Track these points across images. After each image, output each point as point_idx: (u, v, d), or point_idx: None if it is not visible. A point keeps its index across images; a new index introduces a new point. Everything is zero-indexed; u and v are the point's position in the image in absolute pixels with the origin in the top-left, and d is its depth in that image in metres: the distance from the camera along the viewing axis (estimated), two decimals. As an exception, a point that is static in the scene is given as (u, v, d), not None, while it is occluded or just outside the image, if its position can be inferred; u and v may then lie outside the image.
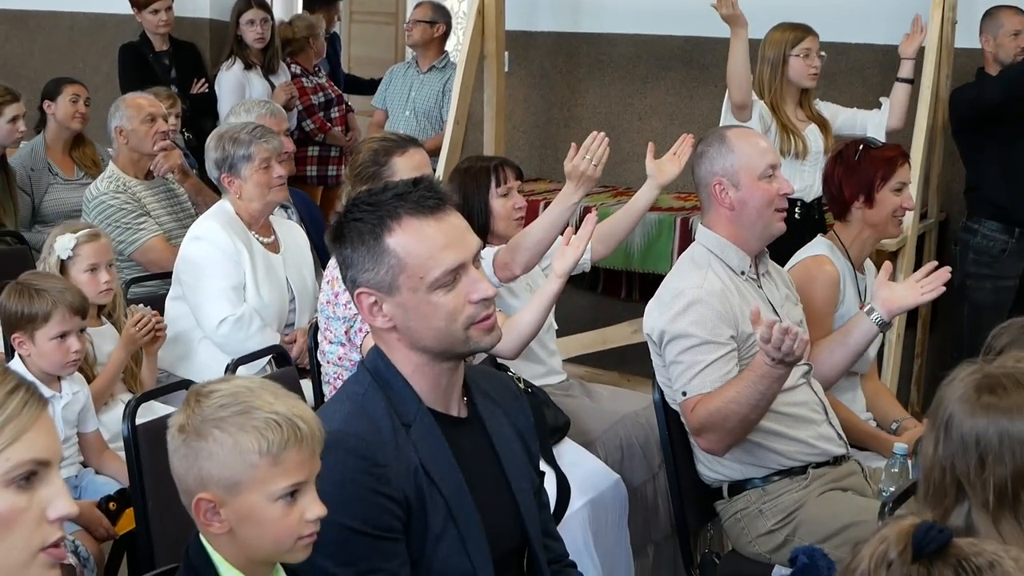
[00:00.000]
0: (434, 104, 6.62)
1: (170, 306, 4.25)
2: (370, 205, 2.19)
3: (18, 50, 8.20)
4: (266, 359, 3.91)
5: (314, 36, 7.10)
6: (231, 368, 3.55)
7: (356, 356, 3.43)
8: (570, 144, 6.45)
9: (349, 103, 7.28)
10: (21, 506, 1.51)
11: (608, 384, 4.67)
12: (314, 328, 3.79)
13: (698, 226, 3.42)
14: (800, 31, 4.90)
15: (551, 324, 4.02)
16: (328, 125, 6.91)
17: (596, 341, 5.46)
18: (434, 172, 4.95)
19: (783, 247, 3.56)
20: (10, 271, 3.88)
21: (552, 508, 2.96)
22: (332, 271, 3.51)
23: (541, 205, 5.50)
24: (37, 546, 1.53)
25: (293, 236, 4.43)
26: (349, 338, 3.47)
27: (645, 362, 3.46)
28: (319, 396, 3.70)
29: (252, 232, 4.21)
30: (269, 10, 6.72)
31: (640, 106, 6.34)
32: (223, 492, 1.84)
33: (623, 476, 3.67)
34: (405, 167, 3.65)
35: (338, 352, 3.53)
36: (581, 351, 5.42)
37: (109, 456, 3.54)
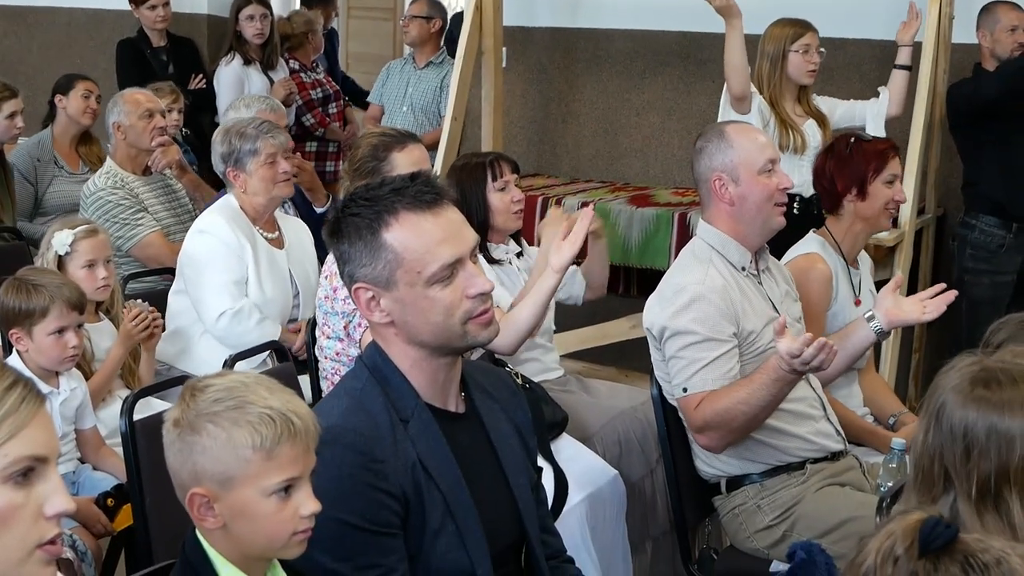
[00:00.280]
0: (432, 100, 6.63)
1: (172, 300, 4.26)
2: (367, 200, 2.19)
3: (16, 46, 8.20)
4: (265, 354, 3.91)
5: (312, 32, 7.10)
6: (229, 363, 3.55)
7: (354, 351, 3.43)
8: (568, 140, 6.52)
9: (346, 98, 7.28)
10: (18, 502, 1.50)
11: (606, 379, 4.66)
12: (312, 323, 3.79)
13: (698, 221, 3.41)
14: (800, 27, 4.90)
15: (550, 325, 4.02)
16: (327, 120, 6.91)
17: (594, 336, 5.45)
18: (432, 168, 4.95)
19: (781, 242, 3.56)
20: (7, 267, 3.87)
21: (550, 504, 2.97)
22: (330, 266, 3.50)
23: (539, 200, 5.51)
24: (34, 543, 1.52)
25: (297, 232, 4.43)
26: (348, 333, 3.47)
27: (643, 357, 3.46)
28: (317, 391, 3.70)
29: (256, 227, 4.21)
30: (268, 6, 6.72)
31: (637, 101, 6.34)
32: (217, 487, 1.84)
33: (621, 471, 3.67)
34: (404, 162, 3.64)
35: (336, 347, 3.53)
36: (579, 346, 5.41)
37: (107, 452, 3.54)
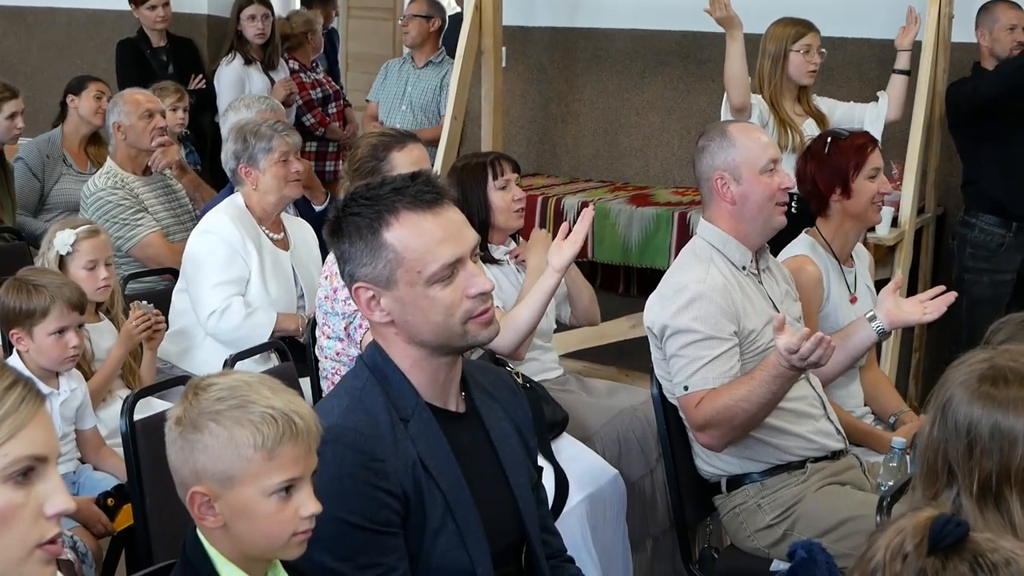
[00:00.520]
0: (431, 99, 6.62)
1: (176, 299, 4.26)
2: (368, 199, 2.19)
3: (15, 46, 8.21)
4: (267, 351, 3.91)
5: (312, 32, 7.10)
6: (230, 363, 3.55)
7: (354, 351, 3.43)
8: (568, 139, 6.52)
9: (346, 98, 7.28)
10: (18, 502, 1.51)
11: (606, 379, 4.67)
12: (312, 323, 3.79)
13: (699, 220, 3.41)
14: (802, 27, 4.89)
15: (551, 325, 4.02)
16: (327, 119, 6.90)
17: (594, 336, 5.44)
18: (432, 167, 4.95)
19: (777, 240, 3.56)
20: (8, 267, 3.88)
21: (551, 503, 2.97)
22: (331, 266, 3.50)
23: (539, 200, 5.51)
24: (34, 542, 1.52)
25: (303, 234, 4.41)
26: (348, 334, 3.47)
27: (643, 357, 3.46)
28: (317, 391, 3.70)
29: (262, 227, 4.20)
30: (270, 6, 6.72)
31: (637, 101, 6.34)
32: (217, 485, 1.84)
33: (621, 471, 3.66)
34: (404, 162, 3.65)
35: (336, 347, 3.53)
36: (579, 346, 5.41)
37: (107, 452, 3.54)
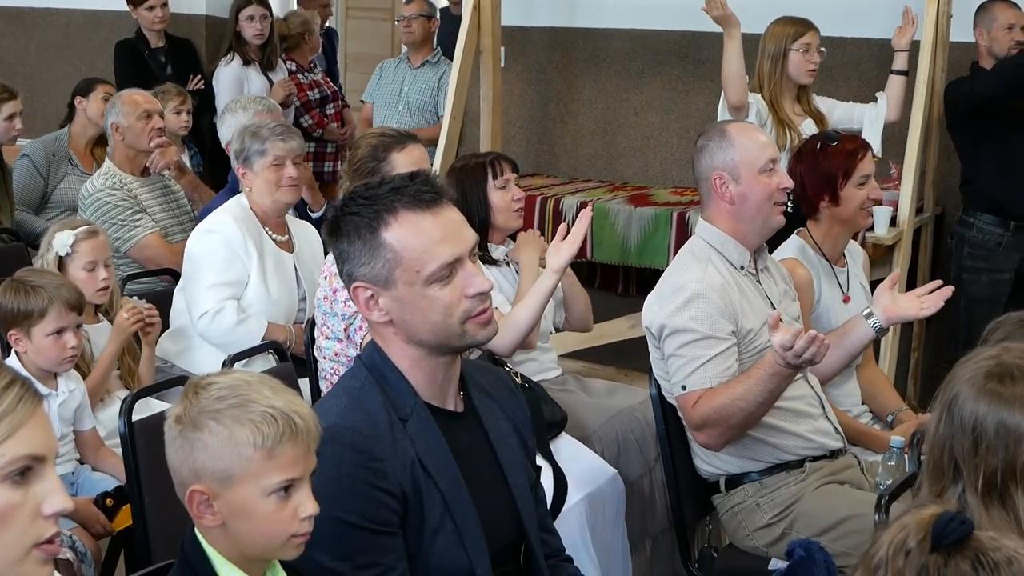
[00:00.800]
0: (428, 99, 6.60)
1: (177, 298, 4.26)
2: (366, 199, 2.19)
3: (14, 47, 8.20)
4: (265, 352, 3.90)
5: (309, 32, 7.09)
6: (228, 363, 3.55)
7: (353, 352, 3.43)
8: (567, 139, 6.52)
9: (345, 99, 7.27)
10: (16, 502, 1.51)
11: (606, 379, 4.67)
12: (311, 324, 3.78)
13: (697, 220, 3.41)
14: (801, 26, 4.88)
15: (549, 326, 4.02)
16: (325, 121, 6.90)
17: (593, 336, 5.43)
18: (431, 167, 4.95)
19: (774, 239, 3.55)
20: (6, 268, 3.87)
21: (549, 503, 2.96)
22: (330, 267, 3.50)
23: (538, 200, 5.51)
24: (31, 542, 1.52)
25: (307, 236, 4.40)
26: (348, 335, 3.46)
27: (642, 357, 3.46)
28: (316, 392, 3.70)
29: (266, 229, 4.19)
30: (268, 6, 6.71)
31: (636, 101, 6.35)
32: (216, 484, 1.84)
33: (619, 470, 3.66)
34: (404, 162, 3.64)
35: (335, 348, 3.53)
36: (578, 346, 5.41)
37: (106, 453, 3.53)
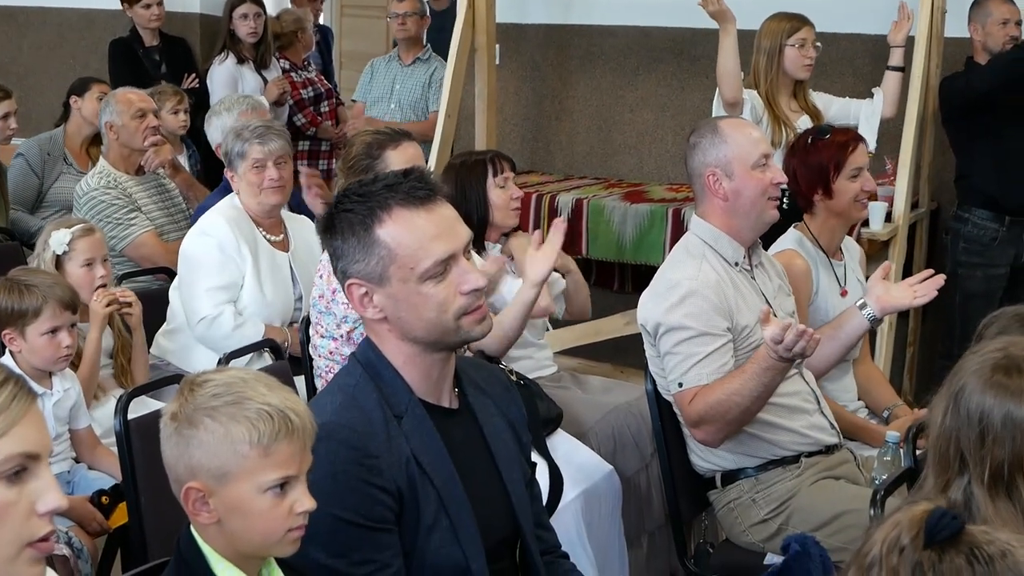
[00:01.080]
0: (420, 96, 6.57)
1: (174, 297, 4.24)
2: (360, 196, 2.18)
3: (7, 46, 8.19)
4: (260, 351, 3.90)
5: (302, 30, 7.07)
6: (224, 360, 3.55)
7: (348, 350, 3.42)
8: (562, 137, 6.52)
9: (339, 97, 7.26)
10: (10, 500, 1.50)
11: (602, 376, 4.67)
12: (306, 321, 3.78)
13: (692, 216, 3.41)
14: (796, 21, 4.88)
15: (543, 322, 4.02)
16: (319, 119, 6.89)
17: (589, 333, 5.44)
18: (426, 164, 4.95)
19: (770, 235, 3.56)
20: (1, 267, 3.86)
21: (545, 499, 2.97)
22: (326, 265, 3.49)
23: (533, 197, 5.51)
24: (25, 540, 1.52)
25: (304, 233, 4.34)
26: (351, 338, 3.45)
27: (639, 353, 3.46)
28: (311, 390, 3.69)
29: (260, 229, 4.17)
30: (262, 4, 6.69)
31: (631, 98, 6.34)
32: (212, 481, 1.84)
33: (615, 467, 3.67)
34: (398, 160, 3.64)
35: (329, 346, 3.52)
36: (574, 343, 5.42)
37: (102, 452, 3.52)
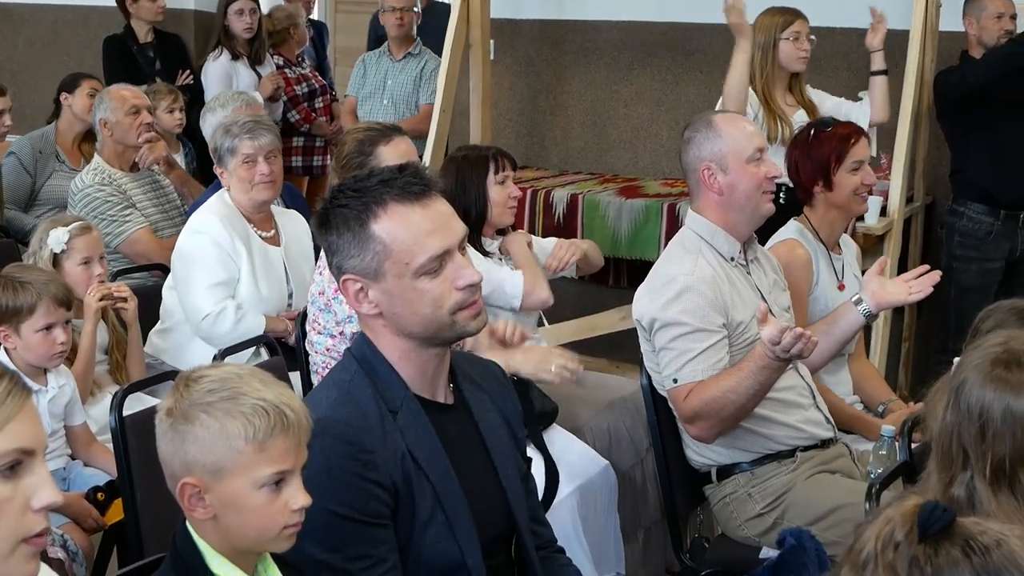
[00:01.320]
0: (412, 91, 6.55)
1: (167, 296, 4.23)
2: (355, 191, 2.18)
3: (2, 43, 8.17)
4: (254, 348, 3.89)
5: (294, 26, 7.06)
6: (220, 357, 3.54)
7: (345, 348, 3.41)
8: (556, 132, 6.51)
9: (334, 92, 7.25)
10: (5, 495, 1.50)
11: (597, 371, 4.67)
12: (302, 317, 3.77)
13: (687, 211, 3.41)
14: (790, 15, 4.90)
15: (539, 318, 4.02)
16: (313, 115, 6.88)
17: (584, 328, 5.44)
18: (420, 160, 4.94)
19: (765, 230, 3.56)
20: (-6, 264, 3.86)
21: (541, 494, 2.96)
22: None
23: (528, 193, 5.51)
24: (20, 536, 1.52)
25: (295, 228, 4.34)
26: (351, 339, 3.43)
27: (634, 348, 3.46)
28: (307, 386, 3.69)
29: (251, 226, 4.15)
30: (256, 0, 6.69)
31: (626, 93, 6.34)
32: (208, 477, 1.83)
33: (611, 461, 3.67)
34: (391, 156, 3.63)
35: (327, 343, 3.52)
36: (569, 338, 5.40)
37: (97, 448, 3.52)
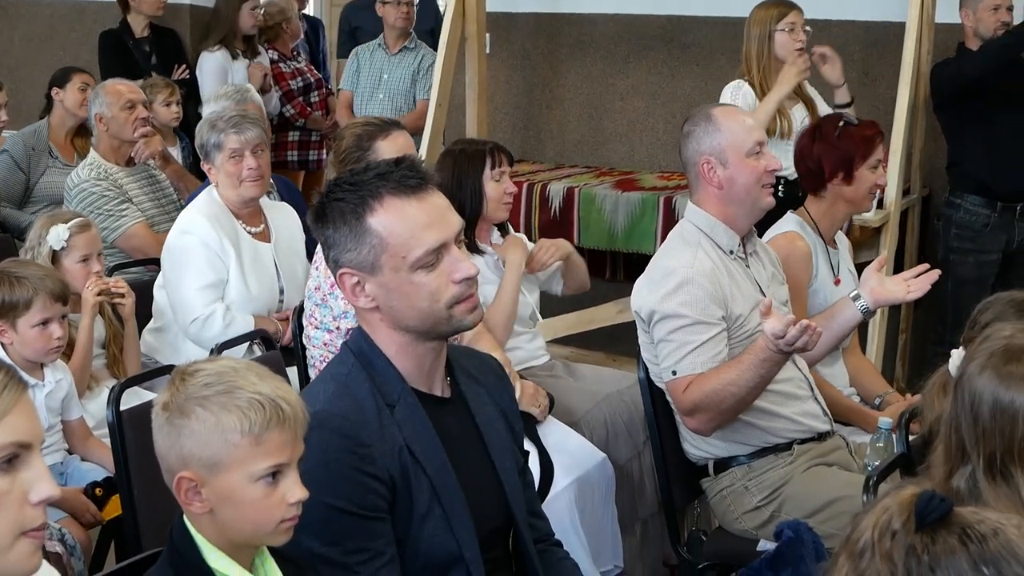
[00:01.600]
0: (409, 85, 6.55)
1: (158, 294, 4.21)
2: (352, 185, 2.18)
3: (-3, 38, 8.17)
4: (250, 343, 3.88)
5: (287, 20, 7.06)
6: (216, 351, 3.53)
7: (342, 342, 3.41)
8: (552, 125, 6.51)
9: (329, 86, 7.24)
10: (3, 489, 1.50)
11: (594, 364, 4.67)
12: (299, 311, 3.77)
13: (687, 204, 3.41)
14: (784, 6, 4.91)
15: (528, 310, 4.02)
16: (308, 110, 6.87)
17: (581, 321, 5.45)
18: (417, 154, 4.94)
19: (763, 224, 3.55)
20: (-6, 260, 3.85)
21: (536, 487, 2.97)
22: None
23: (524, 186, 5.51)
24: (19, 529, 1.52)
25: (285, 220, 4.31)
26: (348, 335, 3.43)
27: (631, 342, 3.47)
28: (304, 380, 3.68)
29: (240, 222, 4.11)
30: None
31: (622, 86, 6.34)
32: (204, 471, 1.83)
33: (608, 454, 3.67)
34: (389, 150, 3.62)
35: (324, 338, 3.51)
36: (567, 332, 5.42)
37: (94, 443, 3.52)
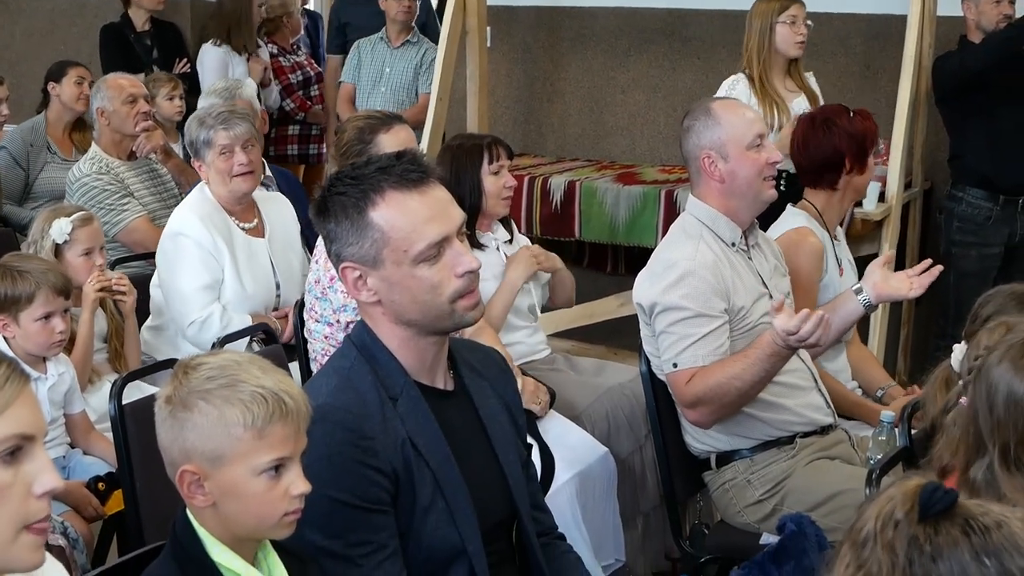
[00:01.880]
0: (411, 79, 6.53)
1: (155, 293, 4.21)
2: (353, 179, 2.18)
3: (-1, 32, 8.17)
4: (250, 339, 3.88)
5: (288, 14, 7.05)
6: (218, 345, 3.53)
7: (343, 336, 3.41)
8: (553, 119, 6.50)
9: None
10: (6, 481, 1.50)
11: (596, 358, 4.67)
12: (300, 305, 3.77)
13: (688, 197, 3.40)
14: (785, 0, 4.90)
15: (530, 303, 4.03)
16: (308, 104, 6.86)
17: (583, 315, 5.45)
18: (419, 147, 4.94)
19: (763, 218, 3.55)
20: (-4, 254, 3.85)
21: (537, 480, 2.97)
22: (324, 250, 3.47)
23: (525, 180, 5.51)
24: (23, 522, 1.52)
25: (280, 213, 4.27)
26: (348, 329, 3.42)
27: (632, 335, 3.47)
28: (306, 373, 3.68)
29: (233, 219, 4.08)
30: None
31: (623, 79, 6.34)
32: (207, 464, 1.83)
33: (610, 448, 3.67)
34: (391, 144, 3.62)
35: (324, 331, 3.51)
36: (568, 325, 5.42)
37: (96, 437, 3.53)
